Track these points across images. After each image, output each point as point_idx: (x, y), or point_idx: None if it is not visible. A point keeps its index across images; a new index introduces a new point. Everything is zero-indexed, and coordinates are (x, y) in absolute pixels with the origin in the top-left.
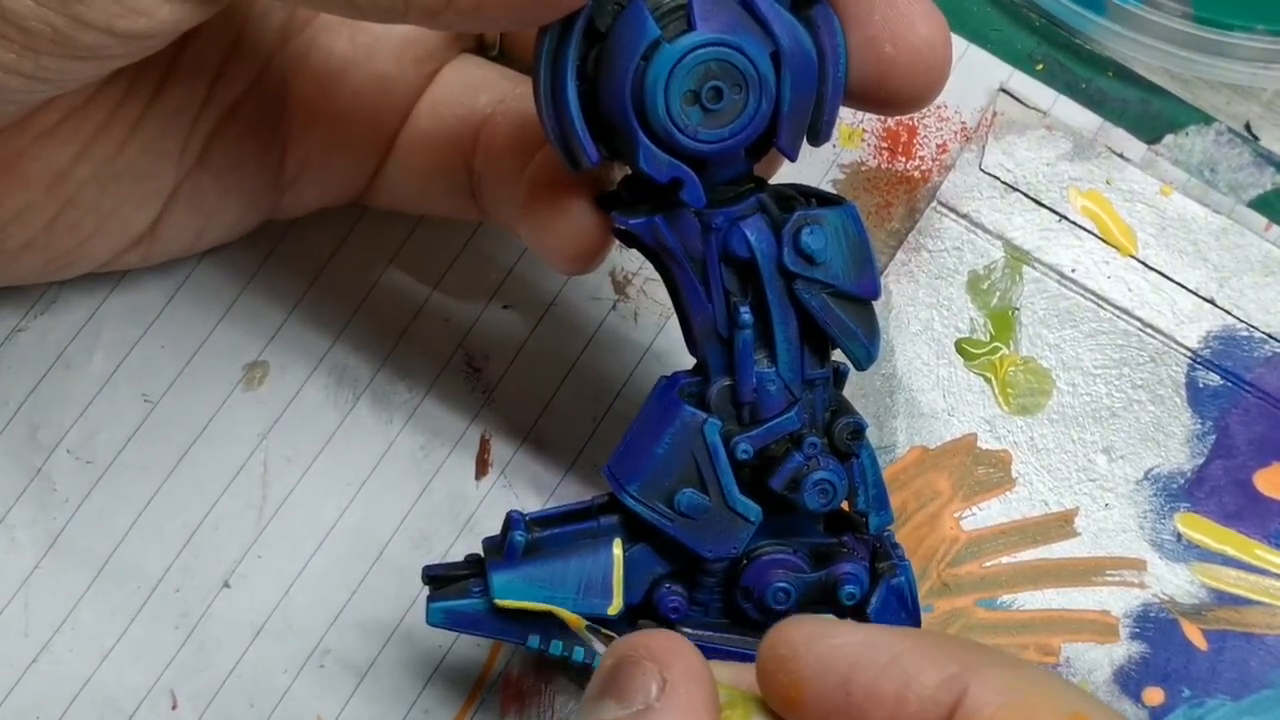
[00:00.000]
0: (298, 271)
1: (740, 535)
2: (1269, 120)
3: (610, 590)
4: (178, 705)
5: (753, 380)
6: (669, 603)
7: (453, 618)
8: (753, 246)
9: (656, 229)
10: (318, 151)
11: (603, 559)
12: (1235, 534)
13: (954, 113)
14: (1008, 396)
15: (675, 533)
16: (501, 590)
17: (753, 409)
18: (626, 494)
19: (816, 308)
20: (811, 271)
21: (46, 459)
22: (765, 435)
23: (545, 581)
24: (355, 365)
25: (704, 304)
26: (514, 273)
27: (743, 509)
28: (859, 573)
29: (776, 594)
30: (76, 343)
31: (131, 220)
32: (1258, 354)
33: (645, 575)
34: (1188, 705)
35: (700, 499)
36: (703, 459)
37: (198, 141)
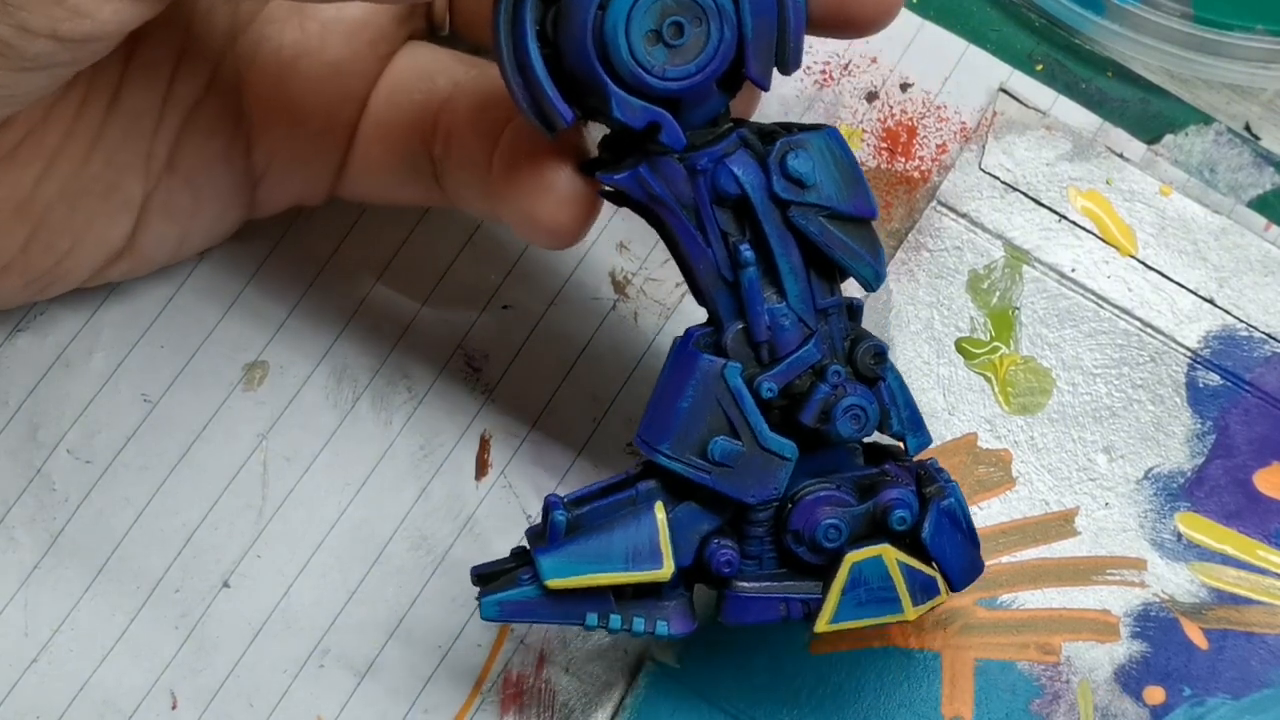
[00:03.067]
0: (297, 272)
1: (779, 475)
2: (1269, 120)
3: (659, 553)
4: (178, 705)
5: (765, 317)
6: (721, 558)
7: (506, 609)
8: (741, 181)
9: (642, 179)
10: (280, 146)
11: (646, 524)
12: (1235, 533)
13: (954, 113)
14: (1008, 396)
15: (714, 484)
16: (550, 571)
17: (770, 347)
18: (660, 454)
19: (815, 232)
20: (804, 196)
21: (46, 459)
22: (787, 371)
23: (592, 556)
24: (355, 365)
25: (703, 249)
26: (514, 273)
27: (777, 447)
28: (906, 497)
29: (827, 532)
30: (76, 343)
31: (107, 234)
32: (1258, 354)
33: (692, 535)
34: (1188, 704)
35: (733, 445)
36: (729, 405)
37: (162, 148)
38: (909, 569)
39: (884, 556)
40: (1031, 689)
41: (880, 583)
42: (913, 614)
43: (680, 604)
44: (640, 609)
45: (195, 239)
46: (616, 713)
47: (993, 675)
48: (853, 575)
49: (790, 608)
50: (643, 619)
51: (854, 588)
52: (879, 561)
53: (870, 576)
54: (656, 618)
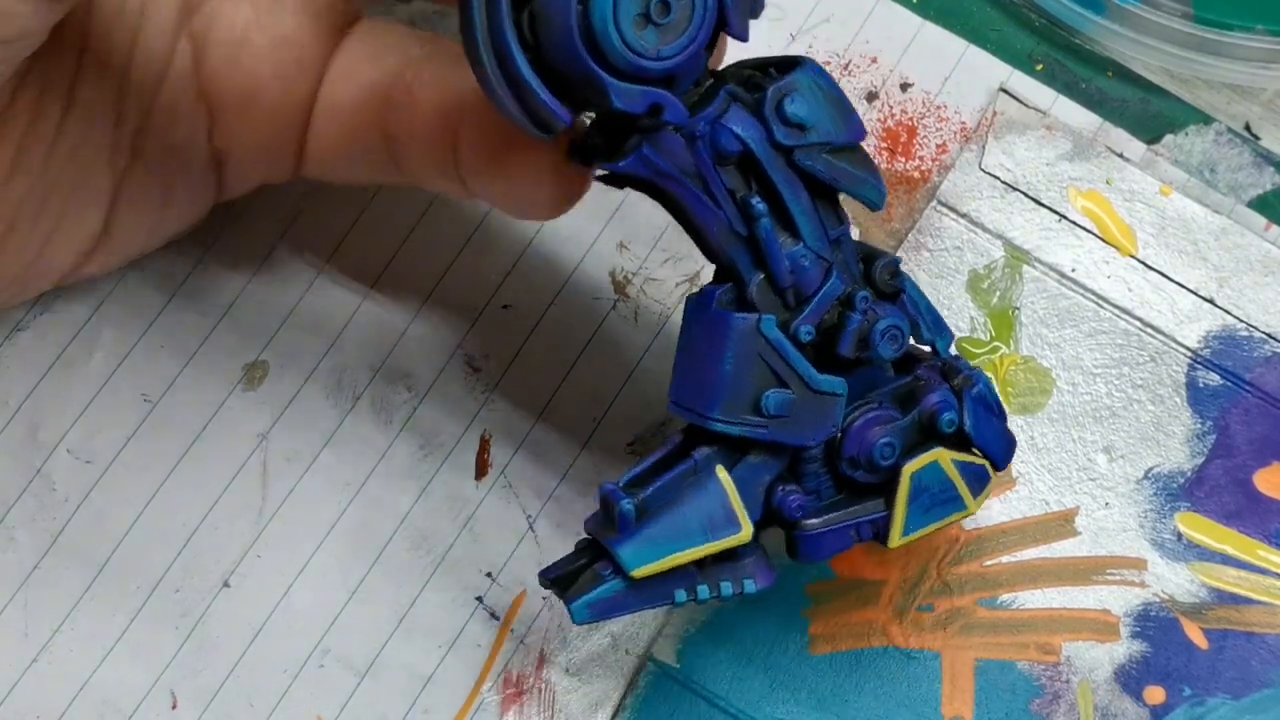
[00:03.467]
0: (297, 272)
1: (835, 413)
2: (1269, 120)
3: (734, 517)
4: (178, 705)
5: (786, 263)
6: (792, 504)
7: (598, 609)
8: (743, 138)
9: (647, 160)
10: (239, 127)
11: (714, 490)
12: (1235, 533)
13: (954, 113)
14: (1008, 396)
15: (774, 436)
16: (633, 561)
17: (795, 291)
18: (713, 421)
19: (822, 170)
20: (806, 138)
21: (46, 459)
22: (818, 309)
23: (670, 535)
24: (355, 365)
25: (715, 212)
26: (514, 273)
27: (829, 387)
28: (948, 398)
29: (883, 450)
30: (76, 343)
31: (79, 230)
32: (1258, 354)
33: (756, 489)
34: (1189, 704)
35: (786, 395)
36: (771, 357)
37: (126, 138)
38: (963, 465)
39: (939, 460)
40: (1031, 689)
41: (940, 485)
42: (975, 506)
43: (757, 558)
44: (722, 573)
45: (168, 225)
46: (616, 713)
47: (993, 675)
48: (914, 485)
49: (860, 531)
50: (729, 582)
51: (917, 496)
52: (935, 466)
53: (930, 482)
54: (741, 578)
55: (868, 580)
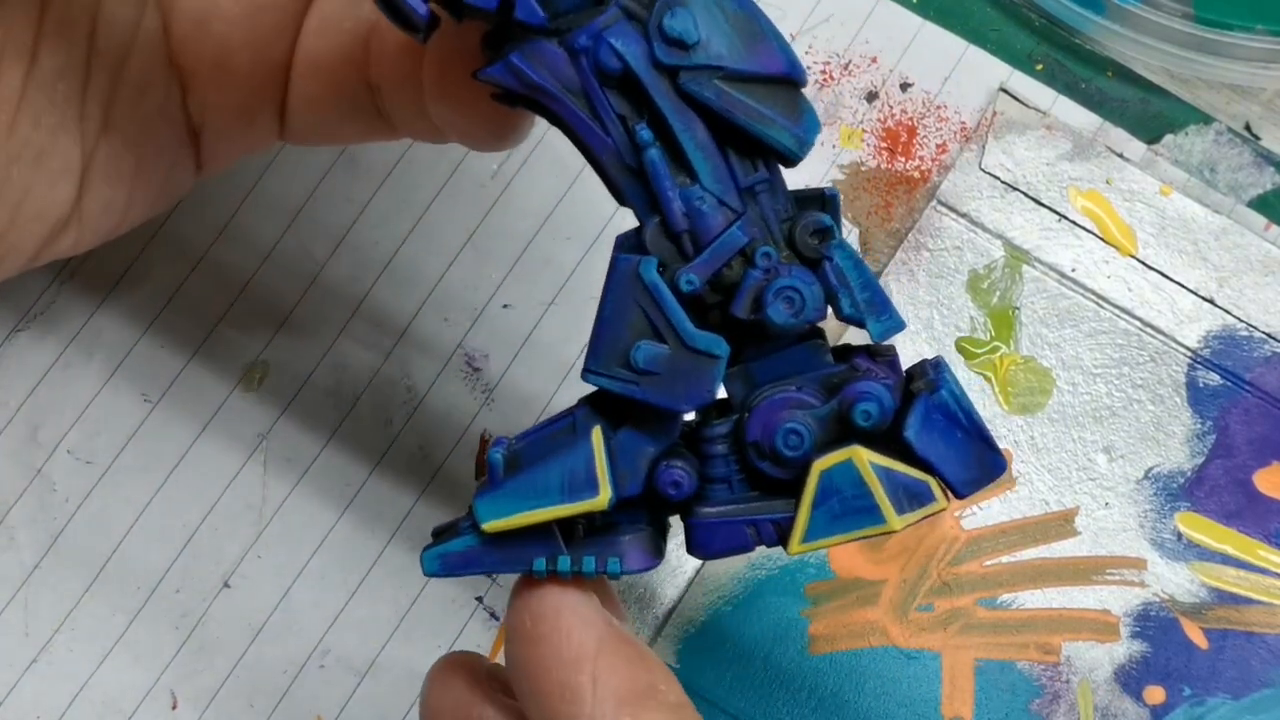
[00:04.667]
0: (297, 271)
1: (710, 376)
2: (1269, 120)
3: (595, 481)
4: (178, 705)
5: (677, 203)
6: (667, 478)
7: (449, 561)
8: (621, 54)
9: (514, 68)
10: (213, 93)
11: (582, 450)
12: (1235, 533)
13: (954, 113)
14: (1008, 396)
15: (643, 395)
16: (486, 513)
17: (692, 237)
18: (589, 373)
19: (712, 98)
20: (690, 58)
21: (46, 459)
22: (710, 259)
23: (527, 492)
24: (355, 365)
25: (603, 138)
26: (514, 272)
27: (705, 344)
28: (875, 390)
29: (787, 438)
30: (76, 343)
31: (48, 204)
32: (1257, 354)
33: (638, 460)
34: (1189, 704)
35: (658, 349)
36: (649, 304)
37: (95, 107)
38: (886, 471)
39: (854, 459)
40: (1031, 689)
41: (855, 490)
42: (898, 523)
43: (638, 538)
44: (590, 547)
45: (142, 202)
46: None
47: (993, 675)
48: (823, 485)
49: (761, 530)
50: (593, 558)
51: (826, 499)
52: (849, 466)
53: (843, 484)
54: (608, 555)
55: (868, 580)
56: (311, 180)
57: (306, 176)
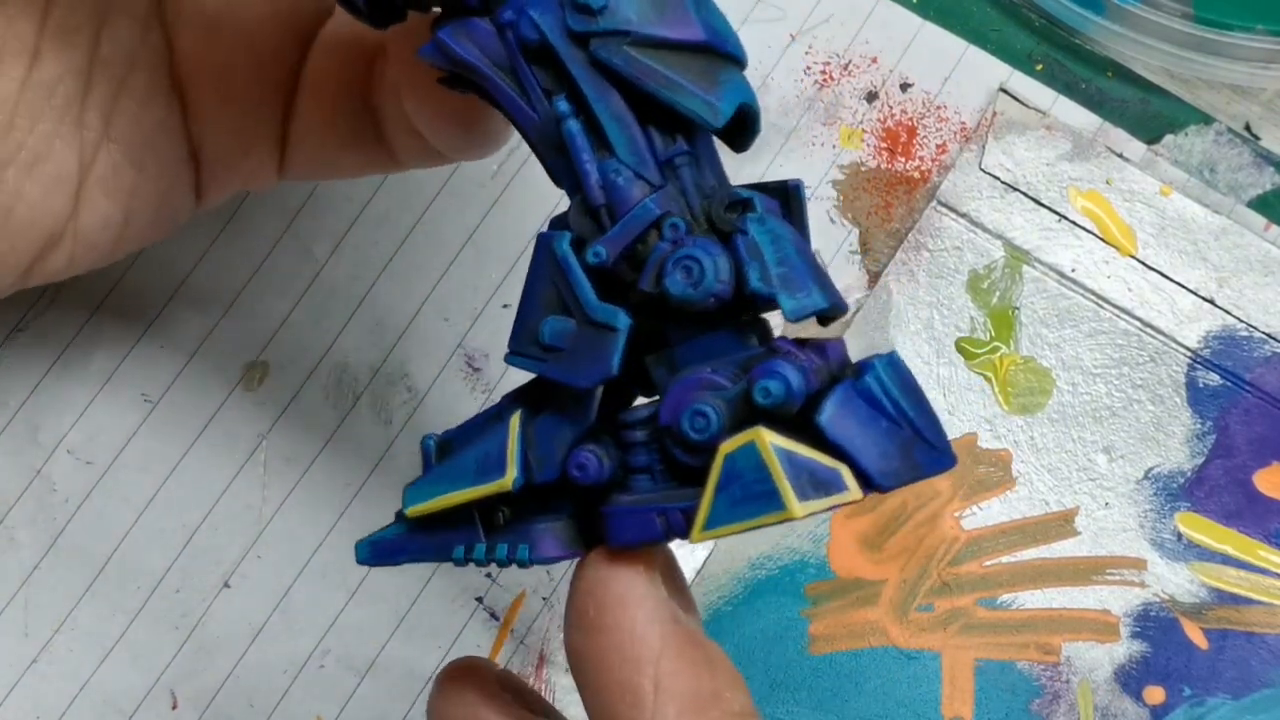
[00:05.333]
0: (297, 272)
1: (609, 349)
2: (1269, 120)
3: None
4: (178, 705)
5: (594, 176)
6: (575, 461)
7: (377, 549)
8: (538, 24)
9: (443, 45)
10: (215, 113)
11: (498, 433)
12: (1235, 533)
13: (954, 113)
14: (1008, 396)
15: (550, 372)
16: (411, 499)
17: (610, 211)
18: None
19: (621, 64)
20: (597, 23)
21: (46, 459)
22: (622, 233)
23: (448, 476)
24: (355, 365)
25: (529, 113)
26: (514, 273)
27: (603, 316)
28: (781, 369)
29: (694, 420)
30: (76, 343)
31: (42, 212)
32: (1257, 354)
33: (555, 445)
34: (1189, 704)
35: (563, 323)
36: (559, 279)
37: (95, 117)
38: (789, 455)
39: (755, 440)
40: (1031, 689)
41: (756, 474)
42: (799, 510)
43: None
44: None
45: (139, 222)
46: None
47: (993, 675)
48: (726, 469)
49: (670, 519)
50: (505, 545)
51: (729, 484)
52: (751, 449)
53: (745, 468)
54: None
55: (868, 580)
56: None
57: None
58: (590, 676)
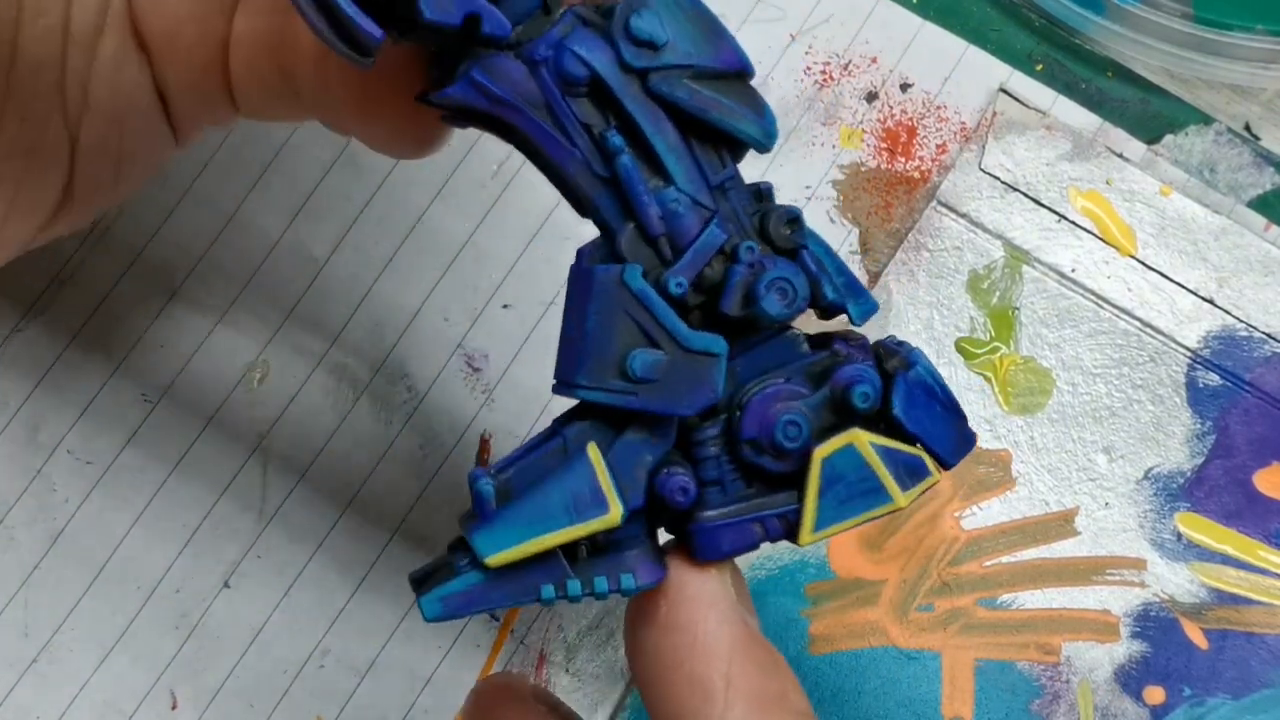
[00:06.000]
0: (297, 271)
1: (712, 377)
2: (1269, 120)
3: (602, 496)
4: (178, 705)
5: (653, 207)
6: (673, 485)
7: (450, 603)
8: (587, 60)
9: (477, 84)
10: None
11: (581, 468)
12: (1235, 533)
13: (954, 113)
14: (1008, 396)
15: (643, 404)
16: (487, 547)
17: (670, 240)
18: (578, 389)
19: (684, 97)
20: (659, 59)
21: (46, 459)
22: (694, 260)
23: (530, 519)
24: (355, 365)
25: (568, 150)
26: (514, 272)
27: (703, 345)
28: (865, 372)
29: (786, 430)
30: (76, 343)
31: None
32: (1257, 354)
33: (637, 471)
34: (1189, 704)
35: (655, 356)
36: (637, 312)
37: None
38: (887, 450)
39: (855, 443)
40: (1031, 689)
41: (859, 473)
42: (904, 500)
43: (643, 551)
44: (599, 568)
45: (129, 175)
46: (616, 713)
47: (993, 675)
48: (826, 472)
49: (768, 527)
50: (604, 577)
51: (831, 486)
52: (851, 450)
53: (846, 469)
54: (619, 572)
55: (868, 580)
56: (311, 180)
57: (306, 176)
58: (657, 671)
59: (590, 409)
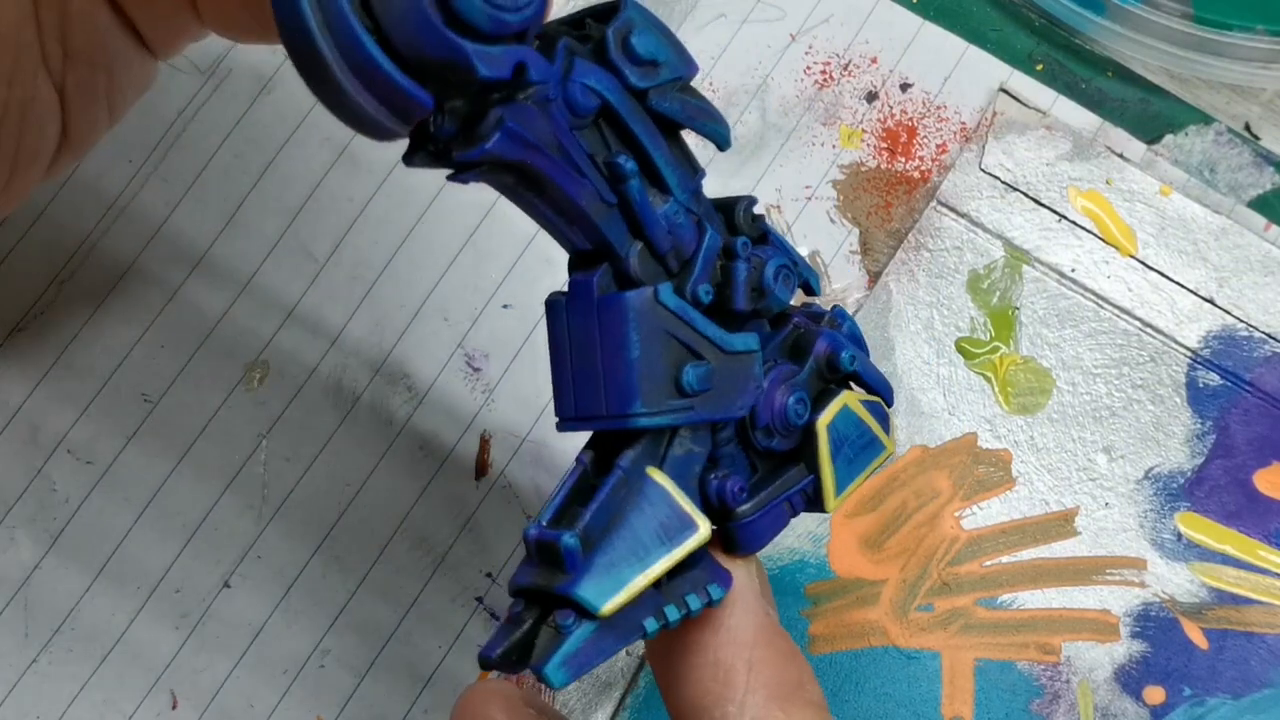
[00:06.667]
0: (297, 271)
1: (755, 373)
2: (1269, 120)
3: (687, 518)
4: (178, 705)
5: (662, 224)
6: (730, 488)
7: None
8: (598, 91)
9: (514, 135)
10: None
11: (655, 495)
12: (1235, 533)
13: (954, 113)
14: (1008, 396)
15: (702, 416)
16: (598, 598)
17: (676, 252)
18: (636, 418)
19: (677, 110)
20: (659, 76)
21: (47, 459)
22: (706, 266)
23: (627, 558)
24: (355, 365)
25: (580, 181)
26: (514, 272)
27: (744, 345)
28: (835, 337)
29: (796, 410)
30: (76, 343)
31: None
32: (1257, 354)
33: (690, 482)
34: (1189, 704)
35: (703, 367)
36: (678, 328)
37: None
38: (870, 404)
39: (849, 405)
40: (1031, 689)
41: (857, 431)
42: (891, 445)
43: (707, 561)
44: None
45: (120, 104)
46: (616, 713)
47: (993, 675)
48: (832, 438)
49: (794, 504)
50: (693, 595)
51: (839, 449)
52: (847, 412)
53: (847, 430)
54: (704, 585)
55: (868, 580)
56: (311, 180)
57: (306, 176)
58: (680, 656)
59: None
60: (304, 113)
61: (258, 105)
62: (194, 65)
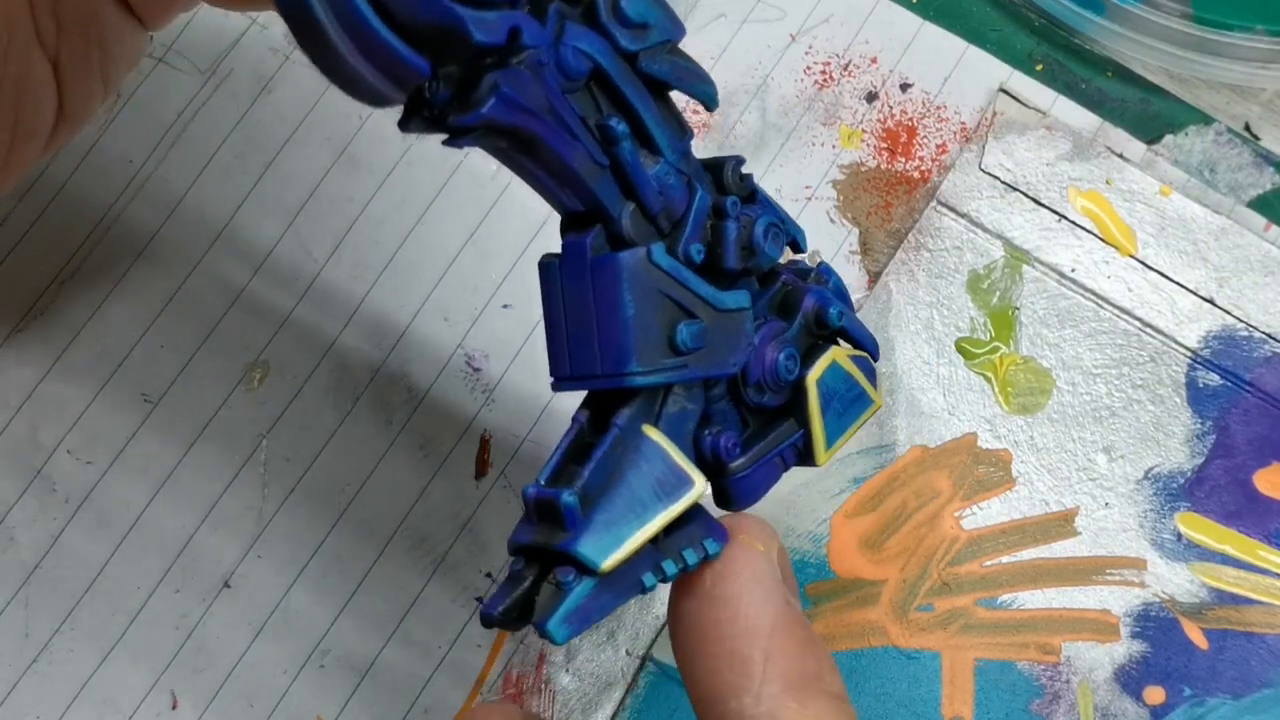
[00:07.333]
0: (297, 272)
1: (747, 329)
2: (1269, 120)
3: (683, 473)
4: (178, 705)
5: (654, 185)
6: (724, 444)
7: (575, 619)
8: (590, 54)
9: (509, 100)
10: None
11: (652, 452)
12: (1235, 533)
13: (954, 113)
14: (1008, 396)
15: (696, 373)
16: (598, 554)
17: (667, 213)
18: (632, 376)
19: (666, 71)
20: (648, 38)
21: (47, 459)
22: (698, 226)
23: (626, 515)
24: (355, 365)
25: (573, 144)
26: (514, 272)
27: (735, 302)
28: (823, 293)
29: (786, 364)
30: (76, 343)
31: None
32: (1257, 354)
33: (685, 439)
34: (1189, 704)
35: (697, 325)
36: (671, 287)
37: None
38: (857, 359)
39: (837, 360)
40: (1031, 689)
41: (845, 385)
42: (879, 398)
43: (704, 515)
44: (678, 544)
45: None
46: (616, 713)
47: (993, 675)
48: (821, 393)
49: (785, 458)
50: (690, 549)
51: (828, 404)
52: (836, 367)
53: (835, 385)
54: (700, 540)
55: (867, 580)
56: (311, 180)
57: (306, 176)
58: (698, 643)
59: (621, 395)
60: (304, 113)
61: (258, 105)
62: (194, 65)
